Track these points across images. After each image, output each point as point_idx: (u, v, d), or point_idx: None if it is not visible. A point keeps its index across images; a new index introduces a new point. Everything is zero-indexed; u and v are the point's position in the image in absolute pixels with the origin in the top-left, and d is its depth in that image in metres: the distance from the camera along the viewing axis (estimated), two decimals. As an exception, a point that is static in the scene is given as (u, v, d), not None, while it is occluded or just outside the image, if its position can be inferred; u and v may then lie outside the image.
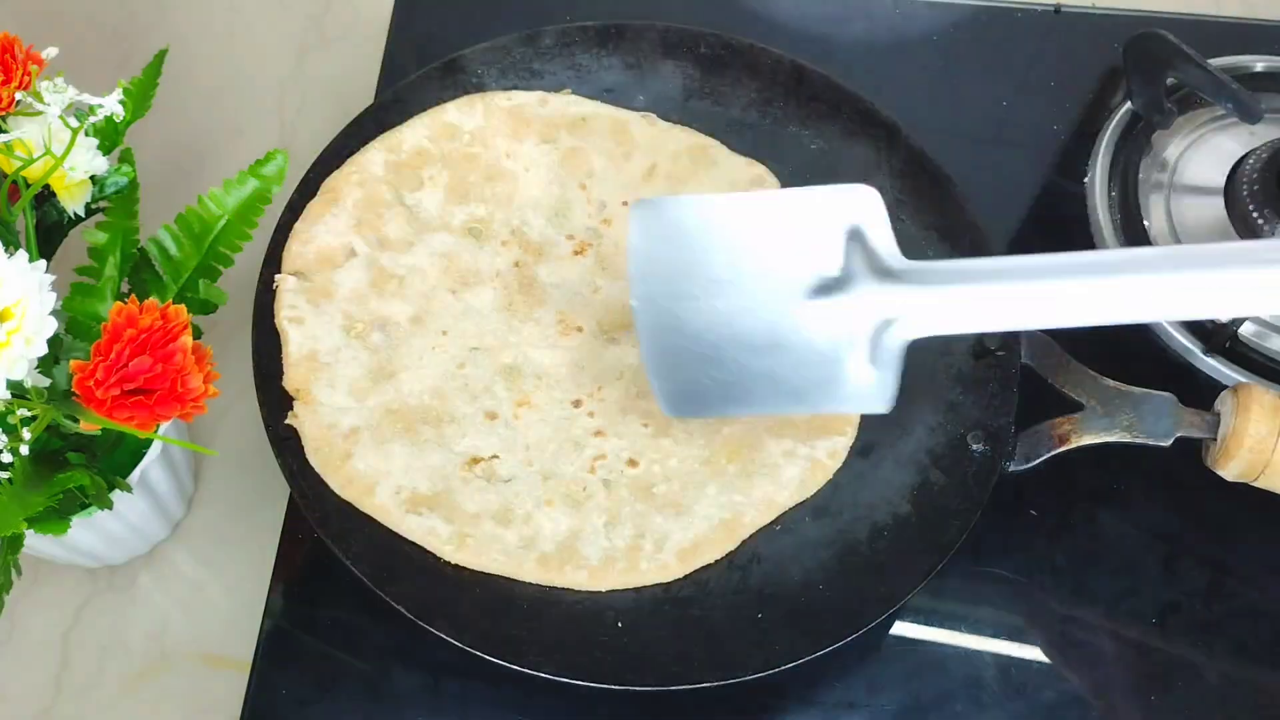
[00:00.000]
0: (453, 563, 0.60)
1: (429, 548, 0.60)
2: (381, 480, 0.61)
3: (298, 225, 0.68)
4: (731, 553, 0.61)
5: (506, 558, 0.60)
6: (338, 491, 0.61)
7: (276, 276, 0.66)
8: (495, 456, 0.63)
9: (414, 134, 0.72)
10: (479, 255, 0.69)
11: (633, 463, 0.63)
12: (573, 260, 0.70)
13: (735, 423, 0.64)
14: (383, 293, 0.67)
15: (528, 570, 0.60)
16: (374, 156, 0.70)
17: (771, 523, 0.63)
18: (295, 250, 0.67)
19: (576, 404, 0.65)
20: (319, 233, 0.67)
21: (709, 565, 0.61)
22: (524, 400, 0.65)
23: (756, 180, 0.73)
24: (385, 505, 0.60)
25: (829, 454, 0.64)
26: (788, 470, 0.63)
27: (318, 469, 0.61)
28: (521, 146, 0.72)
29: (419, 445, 0.63)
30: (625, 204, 0.71)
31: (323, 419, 0.62)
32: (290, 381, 0.63)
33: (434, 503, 0.61)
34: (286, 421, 0.62)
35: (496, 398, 0.65)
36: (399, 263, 0.68)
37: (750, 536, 0.62)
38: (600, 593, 0.60)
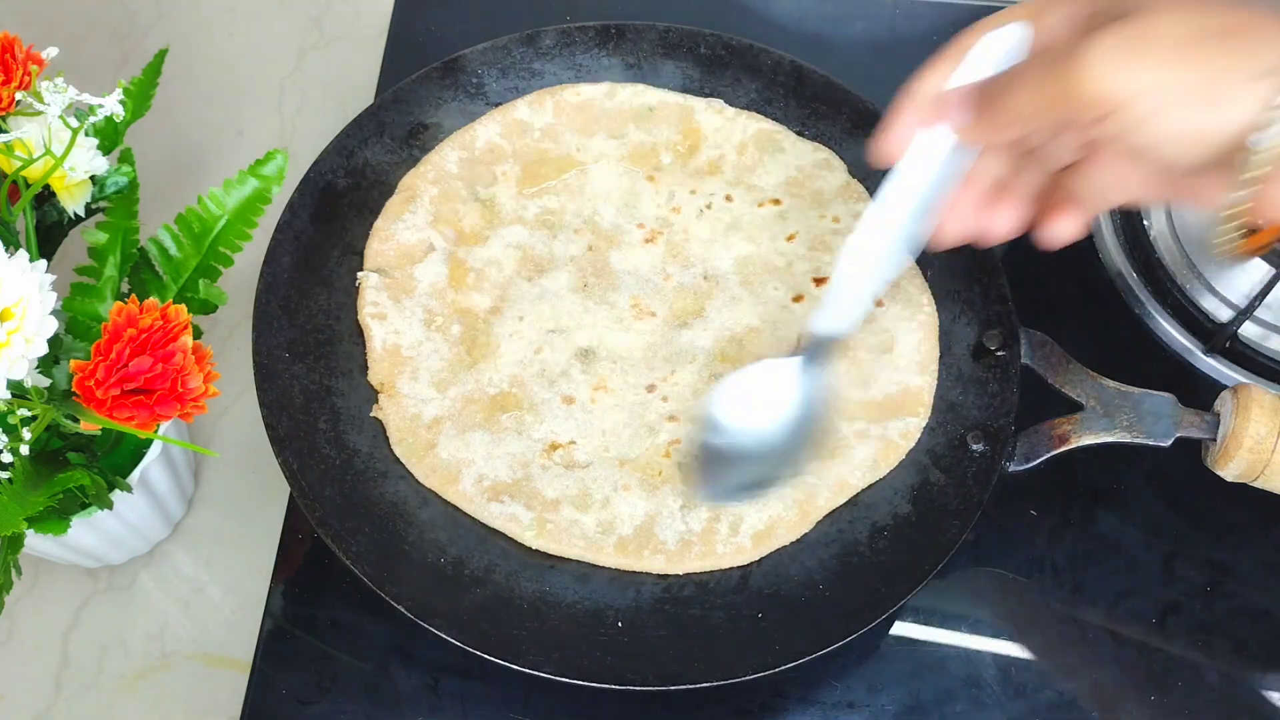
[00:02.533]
0: (534, 548, 0.61)
1: (510, 534, 0.61)
2: (464, 469, 0.63)
3: (378, 223, 0.70)
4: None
5: (586, 543, 0.61)
6: (421, 481, 0.62)
7: (359, 274, 0.68)
8: (572, 443, 0.64)
9: (486, 131, 0.73)
10: (553, 245, 0.70)
11: None
12: (644, 248, 0.71)
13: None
14: (461, 286, 0.68)
15: (606, 555, 0.61)
16: (448, 154, 0.72)
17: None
18: (376, 248, 0.69)
19: (650, 389, 0.66)
20: (398, 230, 0.69)
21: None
22: (600, 385, 0.66)
23: (822, 164, 0.73)
24: (468, 494, 0.62)
25: (901, 434, 0.64)
26: (860, 451, 0.64)
27: (402, 459, 0.63)
28: (591, 141, 0.74)
29: (499, 433, 0.64)
30: (693, 193, 0.72)
31: (407, 411, 0.64)
32: (375, 375, 0.65)
33: (515, 490, 0.62)
34: (372, 415, 0.64)
35: (573, 381, 0.66)
36: (476, 256, 0.69)
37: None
38: (604, 591, 0.60)
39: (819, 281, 0.69)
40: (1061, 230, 0.53)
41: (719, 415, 0.60)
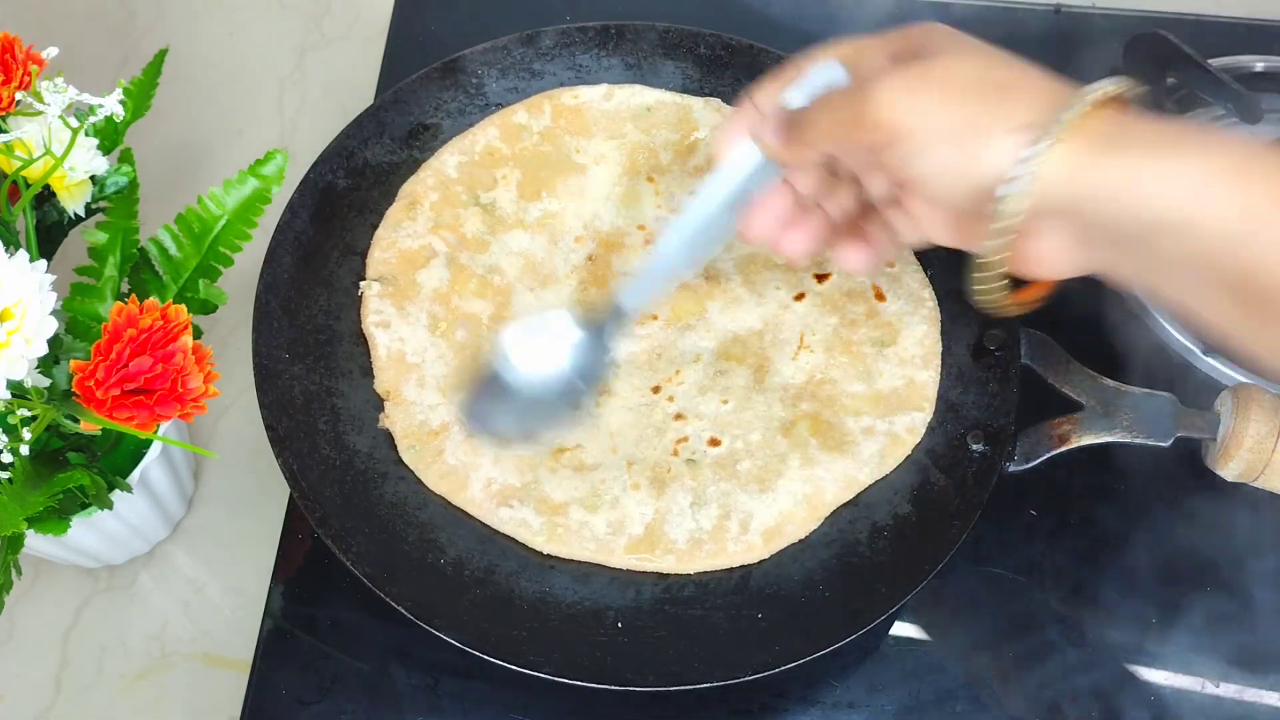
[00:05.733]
0: (545, 553, 0.61)
1: (521, 539, 0.61)
2: (472, 474, 0.63)
3: (379, 232, 0.70)
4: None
5: (597, 545, 0.61)
6: (431, 488, 0.62)
7: (361, 284, 0.68)
8: (579, 445, 0.64)
9: (484, 135, 0.73)
10: (554, 252, 0.70)
11: (715, 441, 0.64)
12: (644, 251, 0.71)
13: (813, 398, 0.65)
14: (464, 291, 0.68)
15: (617, 557, 0.61)
16: (447, 160, 0.72)
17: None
18: (378, 256, 0.69)
19: (655, 390, 0.66)
20: (400, 237, 0.69)
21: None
22: (604, 389, 0.65)
23: None
24: (477, 499, 0.62)
25: (907, 429, 0.65)
26: (867, 447, 0.64)
27: (411, 466, 0.63)
28: (590, 143, 0.74)
29: None
30: (693, 193, 0.72)
31: (413, 417, 0.64)
32: (380, 384, 0.65)
33: (523, 494, 0.62)
34: (380, 425, 0.63)
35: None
36: (478, 261, 0.69)
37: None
38: (604, 591, 0.60)
39: (821, 278, 0.69)
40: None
41: (509, 349, 0.59)
